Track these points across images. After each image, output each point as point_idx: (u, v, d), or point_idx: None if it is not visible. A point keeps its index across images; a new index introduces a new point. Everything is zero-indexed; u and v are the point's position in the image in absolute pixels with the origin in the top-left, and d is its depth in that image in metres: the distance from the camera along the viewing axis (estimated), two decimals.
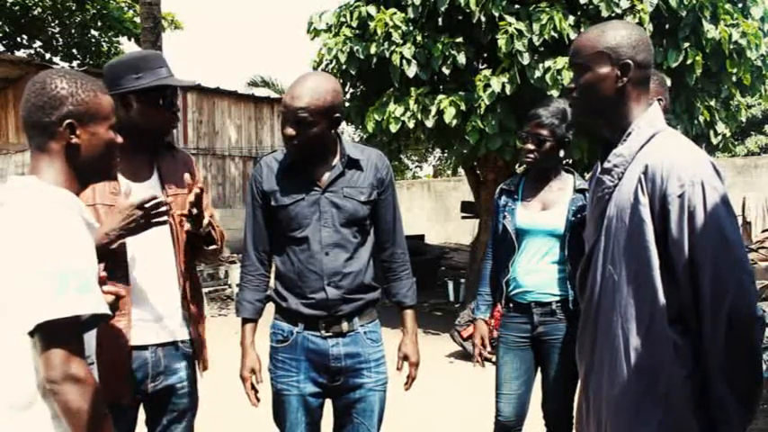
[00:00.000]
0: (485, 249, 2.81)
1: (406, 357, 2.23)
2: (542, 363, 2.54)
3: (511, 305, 2.57)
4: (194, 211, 1.95)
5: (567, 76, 5.58)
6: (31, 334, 1.24)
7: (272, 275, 2.22)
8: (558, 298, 2.46)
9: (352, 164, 2.11)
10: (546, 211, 2.52)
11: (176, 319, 2.02)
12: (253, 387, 2.12)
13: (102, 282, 1.60)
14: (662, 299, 1.49)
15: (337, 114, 2.03)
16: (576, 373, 2.41)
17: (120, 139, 1.50)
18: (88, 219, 1.42)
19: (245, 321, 2.17)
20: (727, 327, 1.40)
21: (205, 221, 2.01)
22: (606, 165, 1.63)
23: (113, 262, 1.80)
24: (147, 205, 1.77)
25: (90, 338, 1.43)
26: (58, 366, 1.23)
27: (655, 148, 1.55)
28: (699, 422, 1.47)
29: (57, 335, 1.24)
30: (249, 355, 2.13)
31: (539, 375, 2.59)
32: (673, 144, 1.56)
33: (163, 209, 1.81)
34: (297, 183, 2.08)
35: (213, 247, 2.12)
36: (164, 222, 1.84)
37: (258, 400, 2.13)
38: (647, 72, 1.64)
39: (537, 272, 2.49)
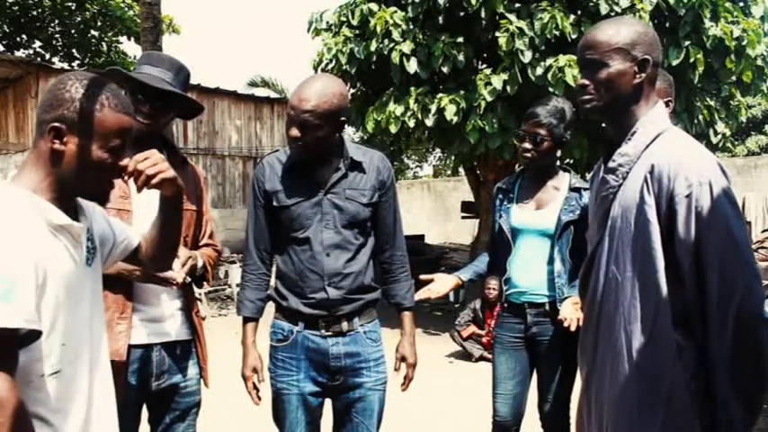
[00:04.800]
0: (486, 249, 2.80)
1: (403, 358, 2.23)
2: (537, 363, 2.53)
3: (506, 305, 2.57)
4: (188, 279, 2.00)
5: (569, 74, 5.57)
6: None
7: (273, 275, 2.22)
8: (550, 299, 2.45)
9: (355, 166, 2.11)
10: (539, 211, 2.50)
11: (179, 319, 2.05)
12: (254, 386, 2.12)
13: None
14: (666, 300, 1.48)
15: (343, 118, 2.02)
16: (571, 373, 2.41)
17: (125, 163, 1.37)
18: (58, 221, 1.30)
19: (246, 320, 2.17)
20: (734, 328, 1.39)
21: (199, 264, 2.03)
22: (611, 164, 1.61)
23: None
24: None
25: (50, 350, 1.28)
26: None
27: (661, 148, 1.53)
28: (701, 424, 1.46)
29: None
30: (251, 354, 2.13)
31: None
32: (679, 143, 1.54)
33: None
34: (299, 183, 2.08)
35: (203, 283, 2.16)
36: None
37: (260, 399, 2.13)
38: (658, 70, 1.63)
39: (530, 272, 2.49)
